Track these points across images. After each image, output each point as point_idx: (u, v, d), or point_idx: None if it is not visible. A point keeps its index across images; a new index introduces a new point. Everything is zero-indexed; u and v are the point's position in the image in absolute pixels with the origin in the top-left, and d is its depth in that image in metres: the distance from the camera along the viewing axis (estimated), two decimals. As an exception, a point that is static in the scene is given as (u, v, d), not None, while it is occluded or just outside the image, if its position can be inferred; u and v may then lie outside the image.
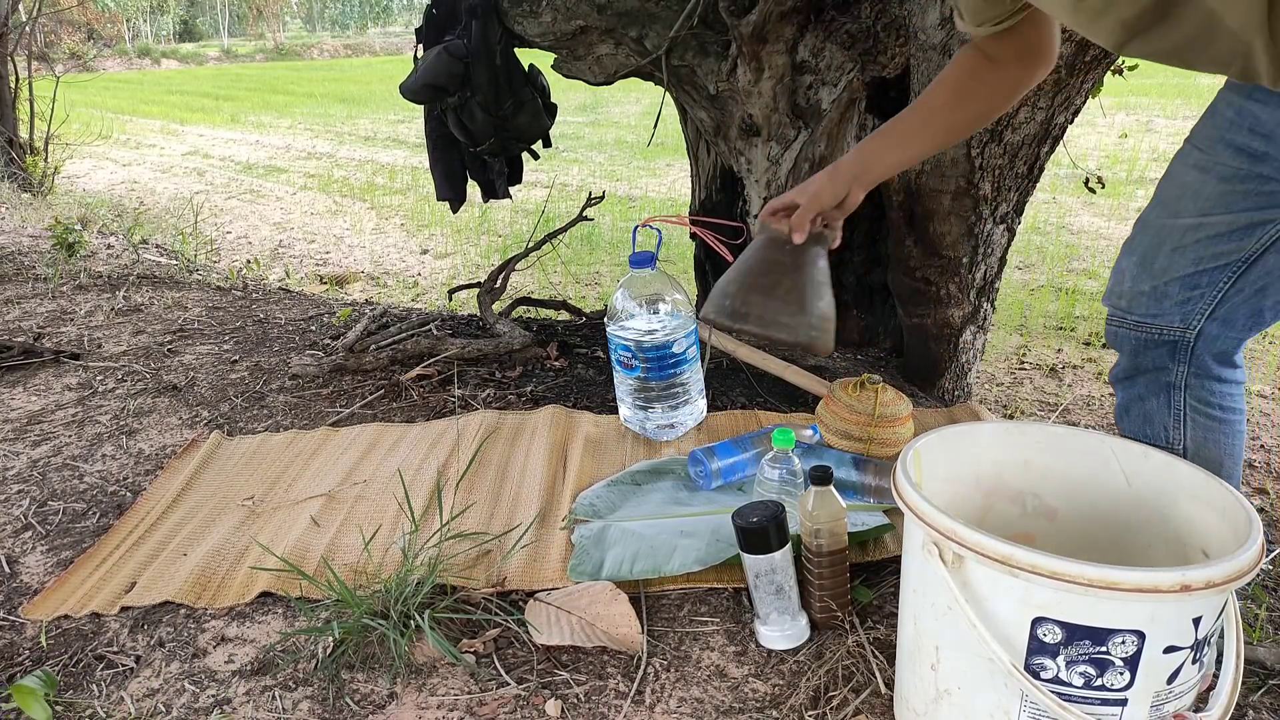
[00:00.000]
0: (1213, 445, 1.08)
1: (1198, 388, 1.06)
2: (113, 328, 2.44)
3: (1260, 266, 0.98)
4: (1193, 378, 1.06)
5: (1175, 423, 1.09)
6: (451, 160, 2.38)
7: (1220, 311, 1.01)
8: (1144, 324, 1.06)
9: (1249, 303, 1.00)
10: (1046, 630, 0.75)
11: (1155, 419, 1.10)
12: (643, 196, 6.35)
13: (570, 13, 2.08)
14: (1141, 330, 1.07)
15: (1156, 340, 1.06)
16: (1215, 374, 1.06)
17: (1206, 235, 1.00)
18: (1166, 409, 1.09)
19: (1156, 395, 1.09)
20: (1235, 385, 1.07)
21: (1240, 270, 0.99)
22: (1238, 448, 1.09)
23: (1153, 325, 1.06)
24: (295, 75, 21.88)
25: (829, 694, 1.02)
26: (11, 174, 5.40)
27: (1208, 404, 1.06)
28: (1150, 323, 1.06)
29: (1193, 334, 1.03)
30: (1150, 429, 1.10)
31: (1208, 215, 0.99)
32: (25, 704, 1.03)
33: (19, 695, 1.03)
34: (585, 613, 1.14)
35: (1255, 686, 1.06)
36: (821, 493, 1.08)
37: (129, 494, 1.55)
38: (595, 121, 10.70)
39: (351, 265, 4.84)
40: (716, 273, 2.36)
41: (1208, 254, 1.00)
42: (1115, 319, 1.10)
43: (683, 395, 1.66)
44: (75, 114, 7.31)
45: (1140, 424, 1.11)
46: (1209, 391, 1.06)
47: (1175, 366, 1.06)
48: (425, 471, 1.55)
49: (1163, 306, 1.04)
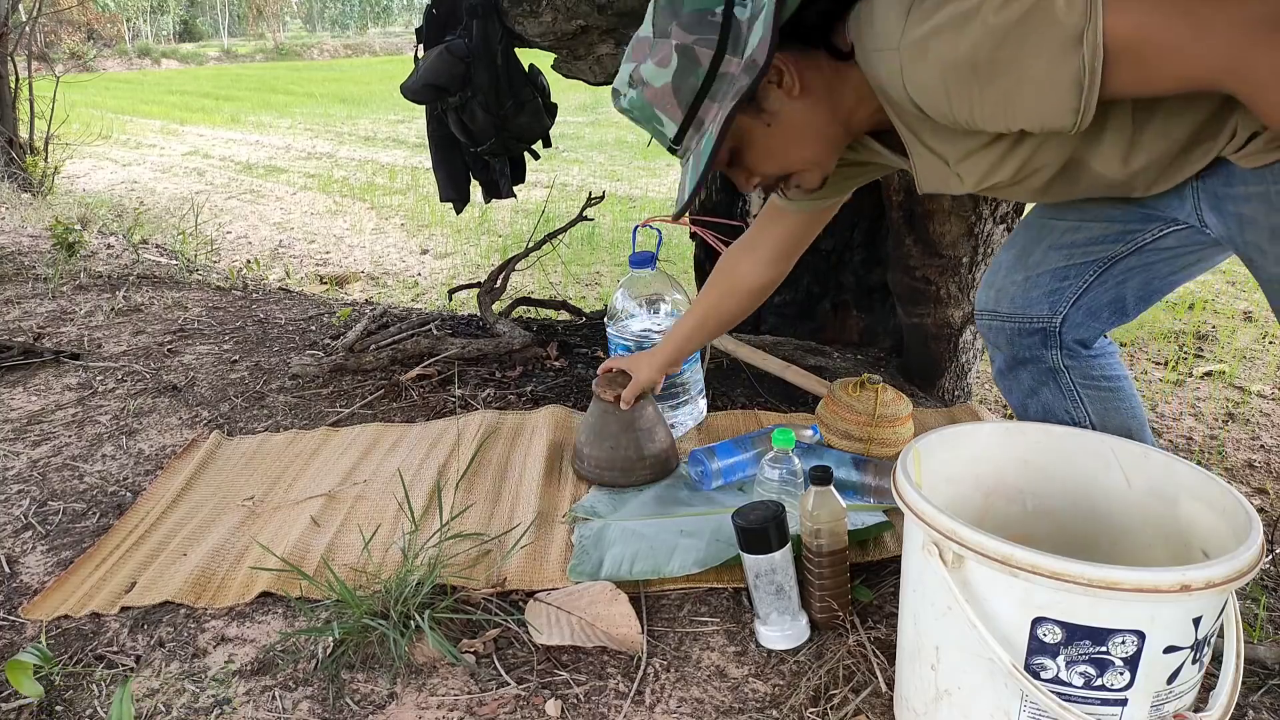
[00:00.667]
0: (1114, 413, 1.16)
1: (1078, 367, 1.15)
2: (113, 328, 2.44)
3: (1123, 264, 1.09)
4: (1068, 359, 1.15)
5: (1073, 404, 1.17)
6: (454, 161, 2.38)
7: (1084, 300, 1.11)
8: (1014, 314, 1.16)
9: (1110, 293, 1.10)
10: (1046, 630, 0.75)
11: (1055, 406, 1.18)
12: (643, 196, 6.35)
13: (571, 13, 2.07)
14: (1013, 321, 1.16)
15: (1027, 329, 1.15)
16: (1084, 353, 1.15)
17: (1083, 236, 1.10)
18: (1060, 394, 1.17)
19: (1045, 384, 1.18)
20: (1108, 356, 1.17)
21: (1105, 266, 1.09)
22: (1138, 409, 1.18)
23: (1022, 315, 1.15)
24: (295, 75, 21.88)
25: (829, 694, 1.02)
26: (11, 174, 5.40)
27: (1092, 377, 1.15)
28: (1020, 312, 1.15)
29: (1058, 320, 1.13)
30: (1053, 418, 1.18)
31: (1087, 221, 1.10)
32: (17, 681, 1.03)
33: (11, 671, 1.04)
34: (585, 613, 1.14)
35: (1255, 686, 1.06)
36: (821, 493, 1.08)
37: (129, 494, 1.55)
38: (595, 121, 10.70)
39: (351, 265, 4.84)
40: (716, 273, 2.35)
41: (1079, 251, 1.10)
42: (986, 315, 1.20)
43: (683, 395, 1.66)
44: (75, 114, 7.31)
45: (1043, 414, 1.20)
46: (1089, 366, 1.15)
47: (1049, 353, 1.16)
48: (425, 471, 1.55)
49: (1030, 297, 1.13)
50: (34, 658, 1.07)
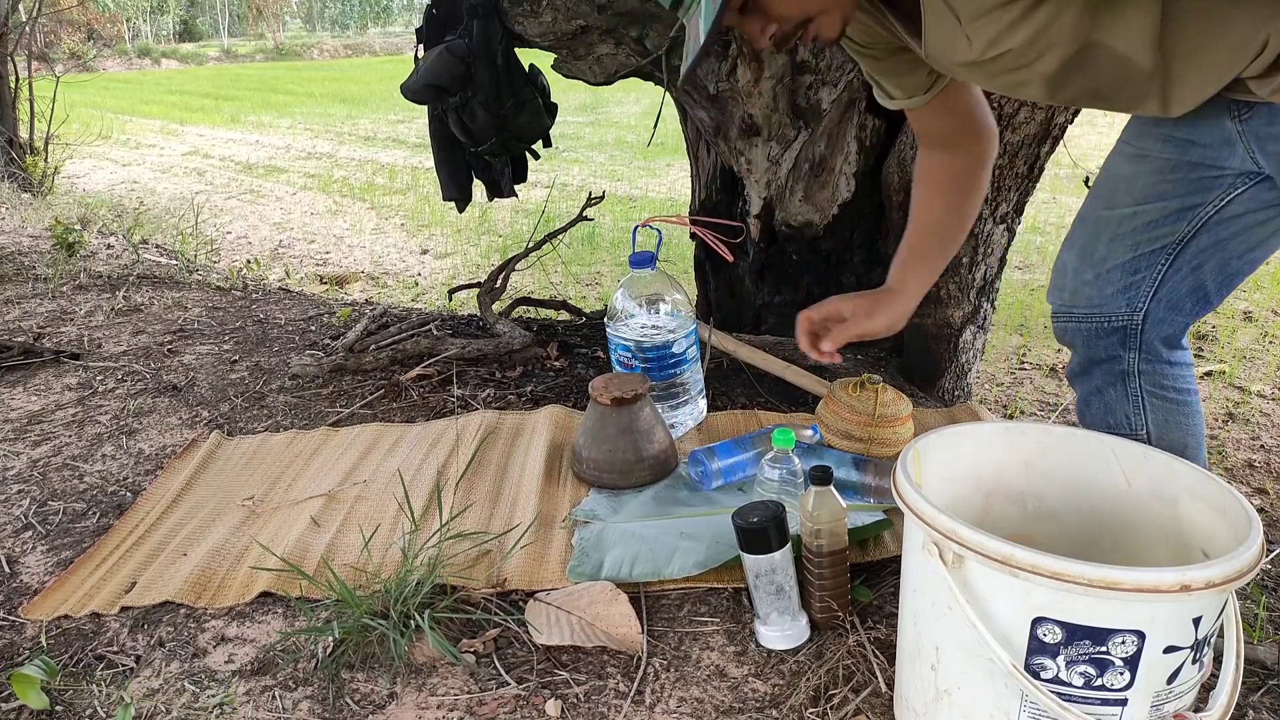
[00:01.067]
0: (1174, 428, 1.11)
1: (1151, 373, 1.10)
2: (113, 328, 2.44)
3: (1194, 246, 1.04)
4: (1144, 363, 1.10)
5: (1135, 410, 1.12)
6: (455, 160, 2.38)
7: (1163, 292, 1.06)
8: (1091, 314, 1.10)
9: (1188, 280, 1.05)
10: (1047, 630, 0.75)
11: (1116, 408, 1.13)
12: (643, 196, 6.35)
13: (570, 12, 2.07)
14: (1090, 321, 1.10)
15: (1106, 329, 1.10)
16: (1165, 358, 1.10)
17: (1142, 222, 1.05)
18: (1125, 397, 1.12)
19: (1113, 385, 1.13)
20: (1185, 367, 1.12)
21: (1176, 252, 1.04)
22: (1198, 428, 1.13)
23: (1100, 314, 1.09)
24: (295, 75, 21.88)
25: (829, 694, 1.02)
26: (11, 174, 5.40)
27: (1163, 388, 1.10)
28: (1097, 311, 1.10)
29: (1139, 317, 1.07)
30: (1112, 419, 1.13)
31: (1142, 204, 1.05)
32: (22, 693, 1.03)
33: (17, 684, 1.04)
34: (585, 613, 1.14)
35: (1255, 686, 1.06)
36: (822, 493, 1.08)
37: (129, 494, 1.55)
38: (595, 121, 10.70)
39: (351, 265, 4.84)
40: (716, 273, 2.36)
41: (1144, 239, 1.05)
42: (1062, 315, 1.15)
43: (683, 395, 1.66)
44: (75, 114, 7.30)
45: (1102, 415, 1.15)
46: (1162, 375, 1.10)
47: (1127, 354, 1.10)
48: (425, 471, 1.55)
49: (1105, 294, 1.08)
50: (40, 672, 1.06)
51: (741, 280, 2.27)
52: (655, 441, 1.48)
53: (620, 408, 1.46)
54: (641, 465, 1.46)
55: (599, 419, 1.47)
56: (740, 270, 2.25)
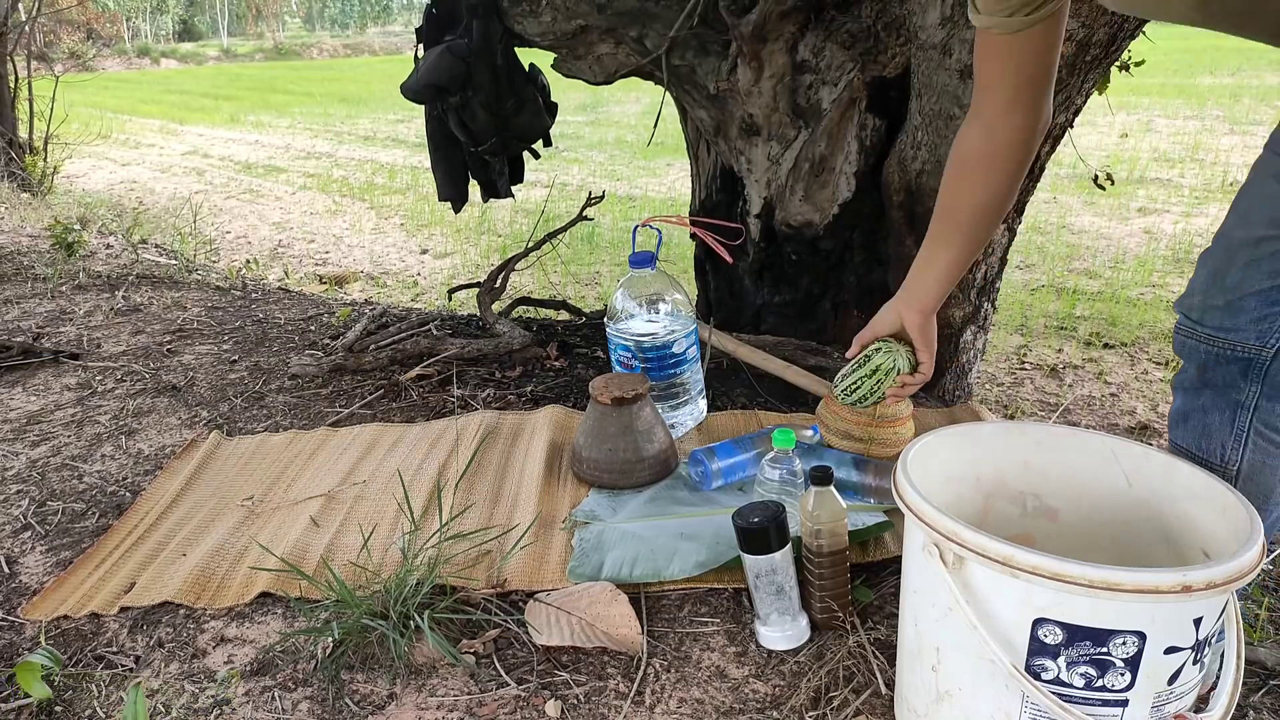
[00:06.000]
0: (1268, 471, 1.01)
1: (1267, 411, 0.98)
2: (112, 328, 2.44)
3: None
4: (1264, 399, 0.98)
5: (1235, 443, 1.01)
6: (453, 160, 2.38)
7: None
8: (1216, 337, 0.99)
9: None
10: (1047, 631, 0.75)
11: (1214, 435, 1.03)
12: (643, 196, 6.35)
13: (570, 12, 2.07)
14: (1213, 344, 1.00)
15: (1229, 356, 0.98)
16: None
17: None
18: (1229, 427, 1.01)
19: (1221, 411, 1.02)
20: None
21: None
22: None
23: (1225, 340, 0.98)
24: (294, 75, 21.87)
25: (829, 695, 1.02)
26: (11, 174, 5.40)
27: (1274, 429, 0.98)
28: (1223, 337, 0.98)
29: (1270, 352, 0.95)
30: (1207, 443, 1.03)
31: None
32: (26, 683, 1.03)
33: (21, 674, 1.04)
34: (585, 613, 1.14)
35: (1256, 687, 1.06)
36: (822, 493, 1.08)
37: (128, 494, 1.55)
38: (595, 121, 10.70)
39: (351, 265, 4.84)
40: (716, 273, 2.35)
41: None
42: (1185, 329, 1.03)
43: (683, 395, 1.66)
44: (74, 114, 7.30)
45: (1197, 436, 1.04)
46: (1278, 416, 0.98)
47: (1247, 386, 0.99)
48: (425, 471, 1.55)
49: (1238, 321, 0.97)
50: (44, 658, 1.07)
51: (741, 280, 2.27)
52: (655, 441, 1.48)
53: (620, 408, 1.46)
54: (641, 465, 1.46)
55: (599, 419, 1.47)
56: (740, 270, 2.25)
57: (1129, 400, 2.83)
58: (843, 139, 1.97)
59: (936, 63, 1.67)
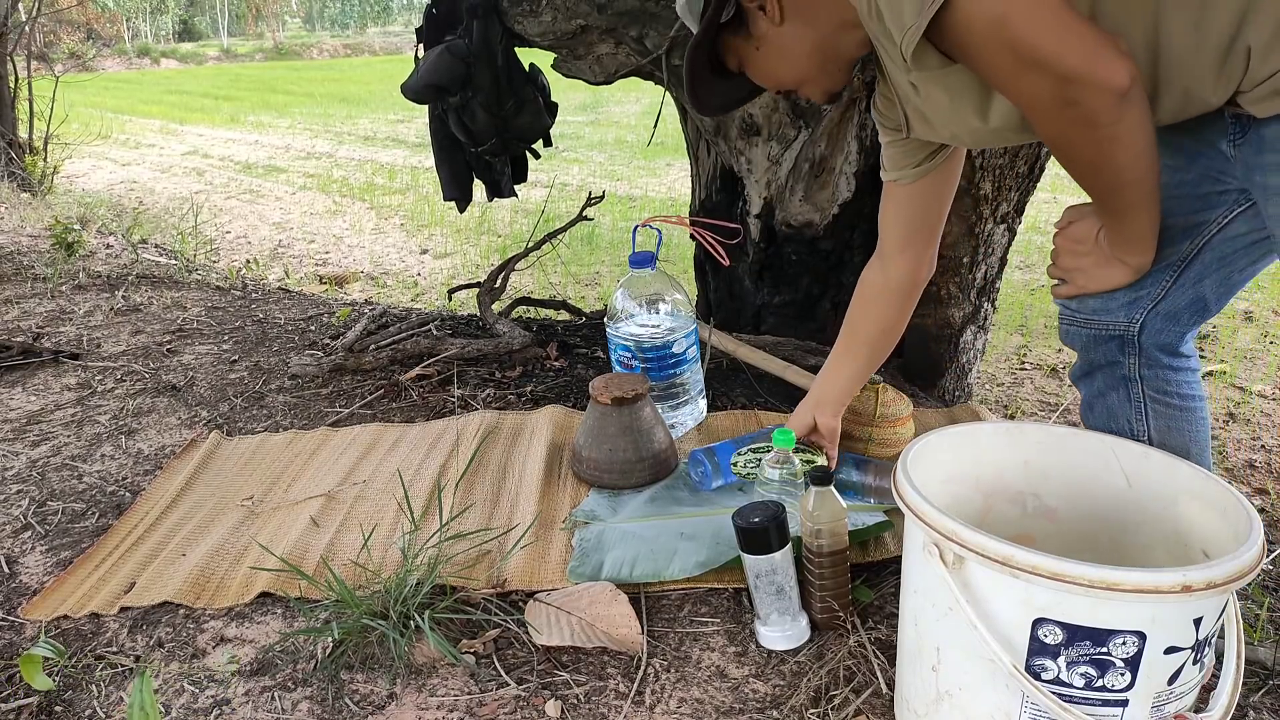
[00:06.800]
0: (1177, 433, 1.12)
1: (1153, 378, 1.11)
2: (112, 327, 2.44)
3: (1198, 264, 1.04)
4: (1145, 369, 1.11)
5: (1137, 414, 1.13)
6: (456, 161, 2.38)
7: (1162, 307, 1.06)
8: (1092, 320, 1.11)
9: (1188, 294, 1.05)
10: (1047, 631, 0.75)
11: (1118, 413, 1.14)
12: (643, 196, 6.35)
13: (570, 12, 2.07)
14: (1090, 326, 1.12)
15: (1105, 335, 1.11)
16: (1165, 363, 1.10)
17: None
18: (1128, 402, 1.13)
19: (1116, 389, 1.14)
20: (1189, 372, 1.12)
21: (1179, 270, 1.04)
22: (1203, 434, 1.13)
23: (1100, 322, 1.11)
24: (294, 75, 21.87)
25: (830, 694, 1.02)
26: (11, 174, 5.40)
27: (1165, 393, 1.11)
28: (1098, 319, 1.11)
29: (1136, 328, 1.08)
30: (1115, 423, 1.14)
31: None
32: (29, 675, 1.04)
33: (25, 665, 1.05)
34: (585, 613, 1.14)
35: (1256, 687, 1.06)
36: (822, 493, 1.08)
37: (128, 494, 1.55)
38: (595, 121, 10.70)
39: (351, 265, 4.84)
40: (716, 273, 2.36)
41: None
42: (1066, 317, 1.16)
43: (683, 395, 1.66)
44: (74, 114, 7.30)
45: (1105, 419, 1.16)
46: (1164, 380, 1.10)
47: (1126, 360, 1.11)
48: (425, 471, 1.55)
49: (1109, 305, 1.09)
50: (47, 650, 1.07)
51: (741, 280, 2.27)
52: (655, 441, 1.48)
53: (620, 408, 1.46)
54: (641, 465, 1.46)
55: (599, 419, 1.47)
56: (740, 270, 2.25)
57: (1129, 400, 2.83)
58: (843, 139, 1.97)
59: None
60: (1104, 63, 0.82)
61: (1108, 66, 0.81)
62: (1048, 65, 0.82)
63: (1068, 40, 0.81)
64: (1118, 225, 1.00)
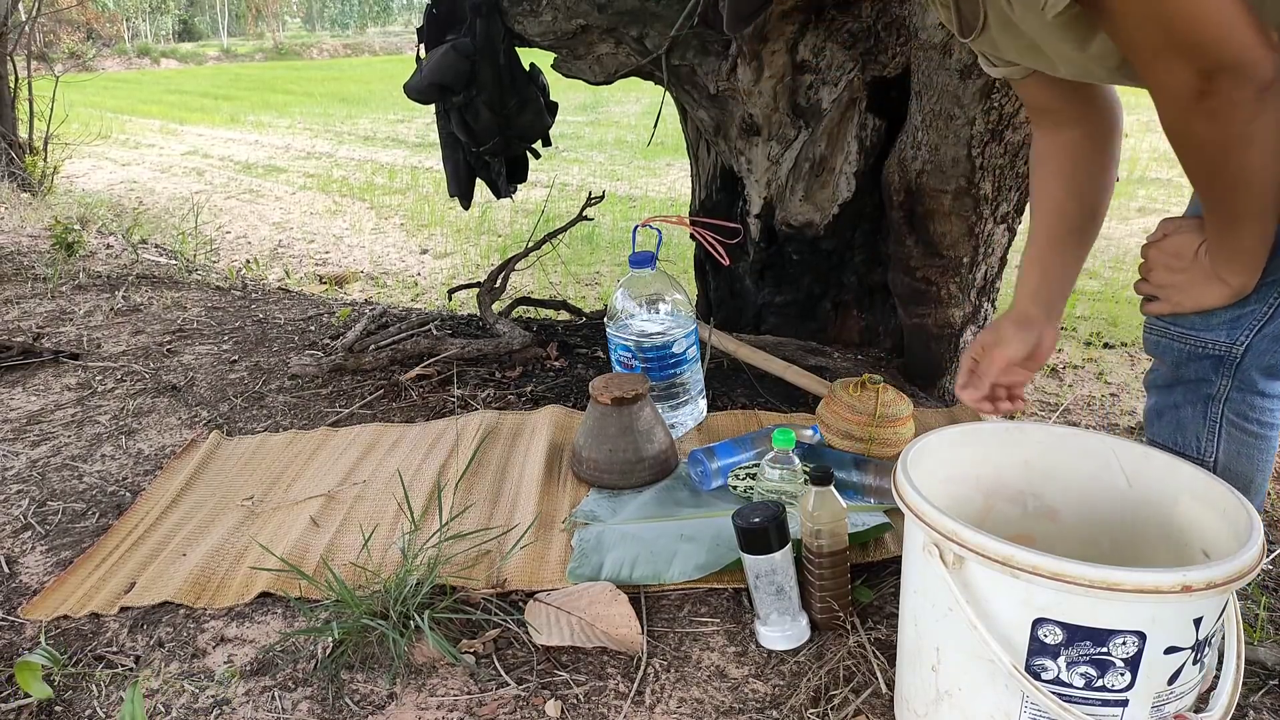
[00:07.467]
0: (1245, 460, 1.04)
1: (1238, 401, 1.02)
2: (112, 328, 2.44)
3: None
4: (1235, 391, 1.02)
5: (1209, 435, 1.05)
6: (458, 159, 2.38)
7: (1270, 328, 0.97)
8: (1188, 336, 1.02)
9: None
10: (1047, 631, 0.75)
11: (1188, 428, 1.06)
12: (643, 196, 6.35)
13: (571, 12, 2.07)
14: (1185, 342, 1.03)
15: (1201, 353, 1.02)
16: (1259, 388, 1.01)
17: None
18: (1202, 420, 1.05)
19: (1193, 405, 1.05)
20: (1276, 400, 1.03)
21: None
22: (1268, 463, 1.06)
23: (1197, 339, 1.01)
24: (295, 75, 21.86)
25: (829, 694, 1.02)
26: (11, 174, 5.40)
27: (1246, 419, 1.03)
28: (1195, 335, 1.01)
29: (1240, 349, 0.99)
30: (1182, 437, 1.07)
31: None
32: (25, 683, 1.03)
33: (21, 673, 1.04)
34: (585, 613, 1.14)
35: (1256, 687, 1.06)
36: (822, 493, 1.08)
37: (128, 494, 1.55)
38: (595, 121, 10.70)
39: (351, 265, 4.84)
40: (717, 273, 2.36)
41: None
42: (1157, 329, 1.06)
43: (683, 395, 1.66)
44: (74, 114, 7.30)
45: (1172, 431, 1.08)
46: (1249, 406, 1.02)
47: (1219, 380, 1.02)
48: (425, 472, 1.55)
49: (1209, 323, 1.00)
50: (43, 659, 1.07)
51: (741, 280, 2.27)
52: (655, 441, 1.48)
53: (620, 408, 1.46)
54: (641, 465, 1.46)
55: (599, 419, 1.47)
56: (740, 270, 2.25)
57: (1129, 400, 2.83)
58: (843, 139, 1.97)
59: (937, 63, 1.67)
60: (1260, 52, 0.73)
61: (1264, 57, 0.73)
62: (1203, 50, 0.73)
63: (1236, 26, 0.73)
64: (1226, 236, 0.91)
